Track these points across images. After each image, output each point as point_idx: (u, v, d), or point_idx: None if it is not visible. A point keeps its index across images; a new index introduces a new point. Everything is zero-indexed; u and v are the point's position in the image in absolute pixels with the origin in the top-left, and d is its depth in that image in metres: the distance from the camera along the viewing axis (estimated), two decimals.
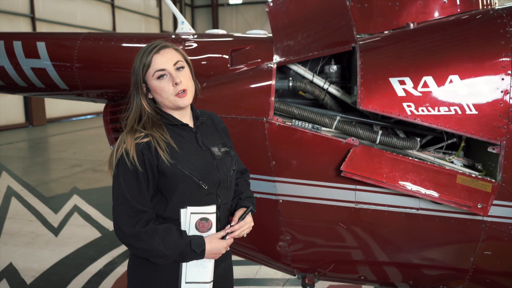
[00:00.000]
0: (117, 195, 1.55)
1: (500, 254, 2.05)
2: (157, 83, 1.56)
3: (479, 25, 2.07)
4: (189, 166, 1.56)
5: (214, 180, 1.63)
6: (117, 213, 1.55)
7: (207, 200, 1.62)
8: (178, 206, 1.59)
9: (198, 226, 1.61)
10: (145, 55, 1.56)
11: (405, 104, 2.00)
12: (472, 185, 1.98)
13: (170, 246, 1.53)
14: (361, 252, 2.23)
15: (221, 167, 1.66)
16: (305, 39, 2.32)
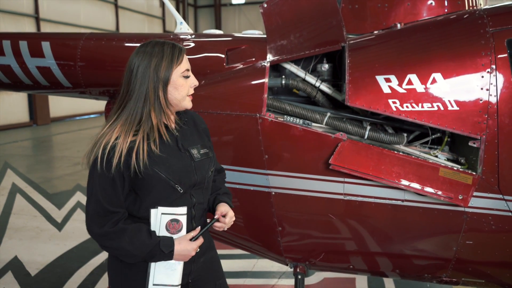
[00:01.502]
0: (90, 194, 1.56)
1: (481, 243, 2.14)
2: (182, 80, 1.62)
3: (461, 25, 2.18)
4: (166, 170, 1.57)
5: (191, 182, 1.64)
6: (88, 211, 1.56)
7: (180, 201, 1.63)
8: (151, 206, 1.60)
9: (169, 227, 1.61)
10: (179, 52, 1.61)
11: (391, 100, 2.11)
12: (453, 177, 2.08)
13: (138, 245, 1.54)
14: (349, 242, 2.34)
15: (199, 169, 1.67)
16: (297, 39, 2.43)
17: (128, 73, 1.58)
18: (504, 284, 2.29)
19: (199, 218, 1.73)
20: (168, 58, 1.58)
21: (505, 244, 2.11)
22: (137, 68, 1.56)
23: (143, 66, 1.56)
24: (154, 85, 1.56)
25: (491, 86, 2.01)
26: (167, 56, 1.58)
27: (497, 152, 2.02)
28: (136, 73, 1.56)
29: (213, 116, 2.40)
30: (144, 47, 1.60)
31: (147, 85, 1.55)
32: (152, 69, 1.55)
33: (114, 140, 1.52)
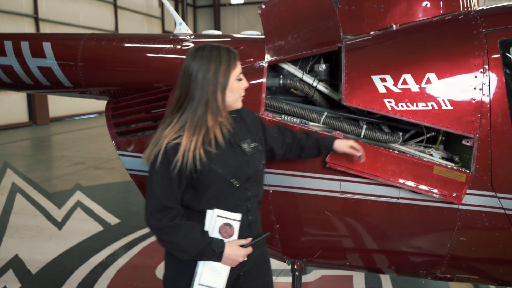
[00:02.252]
0: (149, 189, 1.66)
1: (474, 240, 2.19)
2: (237, 83, 1.72)
3: (455, 26, 2.22)
4: (223, 166, 1.67)
5: (245, 176, 1.73)
6: (147, 206, 1.67)
7: (237, 195, 1.73)
8: (210, 201, 1.70)
9: (221, 231, 1.69)
10: (234, 57, 1.70)
11: (386, 100, 2.15)
12: (447, 175, 2.12)
13: (191, 242, 1.63)
14: (346, 240, 2.38)
15: (251, 163, 1.76)
16: (294, 40, 2.46)
17: (187, 77, 1.66)
18: (497, 280, 2.33)
19: (255, 211, 1.82)
20: (226, 63, 1.67)
21: (497, 240, 2.16)
22: (197, 72, 1.64)
23: (203, 71, 1.64)
24: (213, 89, 1.65)
25: (484, 86, 2.05)
26: (225, 61, 1.66)
27: (490, 150, 2.06)
28: (196, 77, 1.64)
29: None
30: (201, 52, 1.67)
31: (207, 90, 1.64)
32: (212, 74, 1.64)
33: (173, 140, 1.62)
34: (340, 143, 2.09)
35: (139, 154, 2.65)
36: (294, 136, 2.09)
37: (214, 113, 1.66)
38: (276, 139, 2.04)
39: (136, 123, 2.78)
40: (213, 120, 1.67)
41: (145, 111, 2.74)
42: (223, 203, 1.72)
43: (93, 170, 8.25)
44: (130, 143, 2.68)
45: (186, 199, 1.71)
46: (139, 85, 2.80)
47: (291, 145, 2.07)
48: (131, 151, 2.69)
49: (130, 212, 5.71)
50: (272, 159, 2.09)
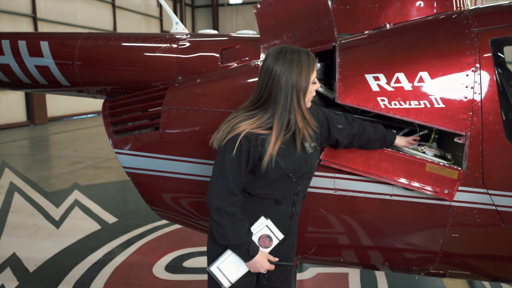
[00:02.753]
0: (219, 170, 1.78)
1: (466, 236, 2.22)
2: (312, 86, 1.83)
3: (447, 26, 2.25)
4: (285, 160, 1.80)
5: (302, 172, 1.88)
6: (214, 186, 1.79)
7: (289, 188, 1.88)
8: (264, 187, 1.85)
9: (261, 239, 1.86)
10: (312, 61, 1.79)
11: (379, 98, 2.17)
12: (440, 172, 2.15)
13: (236, 234, 1.78)
14: (340, 236, 2.40)
15: (309, 161, 1.90)
16: (290, 39, 2.49)
17: (269, 79, 1.75)
18: (489, 276, 2.36)
19: (299, 204, 2.00)
20: (307, 68, 1.77)
21: (489, 237, 2.18)
22: (280, 76, 1.73)
23: (286, 75, 1.73)
24: (297, 93, 1.75)
25: (476, 84, 2.08)
26: (305, 66, 1.76)
27: (481, 148, 2.09)
28: (279, 81, 1.74)
29: (208, 113, 2.46)
30: (283, 54, 1.76)
31: (292, 94, 1.74)
32: (295, 79, 1.74)
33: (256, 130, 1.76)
34: (400, 139, 2.25)
35: (136, 152, 2.67)
36: (363, 128, 2.18)
37: (301, 116, 1.78)
38: (341, 130, 2.13)
39: (133, 121, 2.80)
40: (302, 122, 1.79)
41: (142, 110, 2.76)
42: (276, 192, 1.88)
43: (91, 169, 8.27)
44: (127, 141, 2.70)
45: (245, 181, 1.85)
46: (136, 84, 2.83)
47: (358, 136, 2.16)
48: (128, 149, 2.71)
49: (128, 211, 5.73)
50: (336, 147, 2.21)
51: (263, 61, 1.82)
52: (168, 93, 2.62)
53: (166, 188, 2.61)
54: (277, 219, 1.92)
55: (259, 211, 1.91)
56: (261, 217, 1.89)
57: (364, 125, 2.20)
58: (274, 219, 1.91)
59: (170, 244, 4.52)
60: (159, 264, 4.07)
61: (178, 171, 2.55)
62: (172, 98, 2.58)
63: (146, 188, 2.68)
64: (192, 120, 2.50)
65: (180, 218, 2.74)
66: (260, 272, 1.92)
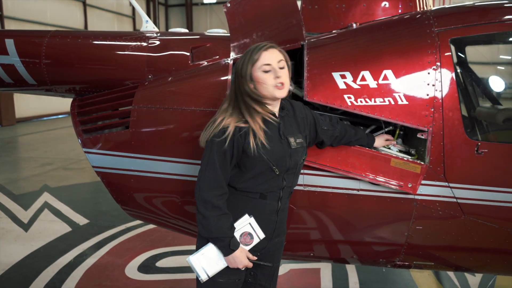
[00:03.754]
0: (207, 163, 1.85)
1: (429, 228, 2.30)
2: (261, 74, 1.85)
3: (410, 25, 2.33)
4: (268, 153, 1.85)
5: (286, 166, 1.91)
6: (202, 178, 1.85)
7: (274, 182, 1.92)
8: (249, 180, 1.90)
9: (243, 236, 1.90)
10: (255, 52, 1.86)
11: (346, 96, 2.23)
12: (404, 167, 2.23)
13: (219, 227, 1.83)
14: (310, 231, 2.45)
15: (293, 156, 1.94)
16: (259, 37, 2.52)
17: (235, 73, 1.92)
18: (452, 266, 2.46)
19: (285, 200, 2.03)
20: (249, 56, 1.86)
21: (450, 228, 2.28)
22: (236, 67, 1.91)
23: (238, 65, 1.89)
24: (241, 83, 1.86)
25: (437, 82, 2.17)
26: (247, 55, 1.87)
27: (442, 143, 2.18)
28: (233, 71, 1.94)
29: (178, 112, 2.46)
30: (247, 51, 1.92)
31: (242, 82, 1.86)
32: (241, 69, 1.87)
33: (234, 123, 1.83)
34: (379, 141, 2.31)
35: (105, 151, 2.65)
36: (345, 130, 2.25)
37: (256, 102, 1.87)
38: (326, 131, 2.19)
39: (102, 120, 2.78)
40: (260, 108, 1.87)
41: (112, 108, 2.73)
42: (260, 186, 1.91)
43: (61, 171, 8.08)
44: (97, 140, 2.67)
45: (230, 175, 1.90)
46: (106, 82, 2.80)
47: (339, 138, 2.23)
48: (97, 148, 2.68)
49: (100, 212, 5.64)
50: (320, 147, 2.27)
51: None
52: (138, 91, 2.60)
53: (137, 187, 2.60)
54: (263, 214, 1.96)
55: (245, 206, 1.94)
56: (245, 214, 1.92)
57: (346, 128, 2.27)
58: (260, 214, 1.95)
59: (143, 245, 4.48)
60: (132, 264, 4.04)
61: (149, 169, 2.54)
62: (142, 96, 2.57)
63: (116, 187, 2.66)
64: (163, 118, 2.49)
65: (152, 217, 2.73)
66: (247, 270, 1.95)
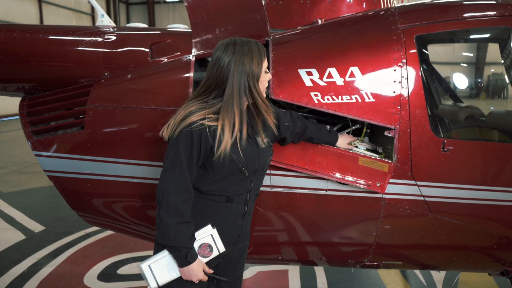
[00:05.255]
0: (171, 162, 1.70)
1: (397, 227, 2.28)
2: (265, 75, 1.83)
3: (375, 22, 2.30)
4: (238, 153, 1.75)
5: (254, 167, 1.83)
6: (166, 180, 1.70)
7: (242, 184, 1.82)
8: (216, 182, 1.78)
9: (202, 247, 1.77)
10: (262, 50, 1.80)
11: (313, 93, 2.17)
12: (371, 166, 2.19)
13: (178, 235, 1.68)
14: (277, 234, 2.38)
15: (261, 156, 1.86)
16: (222, 33, 2.42)
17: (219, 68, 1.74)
18: (419, 264, 2.46)
19: (251, 202, 1.93)
20: (257, 55, 1.77)
21: (418, 226, 2.27)
22: (229, 64, 1.72)
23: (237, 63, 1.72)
24: (249, 79, 1.74)
25: (403, 79, 2.14)
26: (256, 54, 1.76)
27: (409, 141, 2.15)
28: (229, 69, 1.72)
29: (137, 111, 2.33)
30: (232, 45, 1.75)
31: (243, 80, 1.73)
32: (247, 66, 1.73)
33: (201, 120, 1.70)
34: (342, 141, 2.24)
35: (58, 154, 2.47)
36: (305, 126, 2.16)
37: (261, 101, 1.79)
38: (288, 128, 2.11)
39: (55, 120, 2.59)
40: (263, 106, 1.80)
41: (65, 108, 2.55)
42: (227, 189, 1.80)
43: (15, 175, 7.64)
44: (48, 142, 2.48)
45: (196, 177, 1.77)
46: (58, 80, 2.61)
47: (299, 134, 2.15)
48: (49, 151, 2.49)
49: (57, 218, 5.34)
50: (283, 144, 2.18)
51: (212, 54, 1.79)
52: (94, 89, 2.44)
53: (93, 192, 2.44)
54: (229, 219, 1.85)
55: (210, 210, 1.82)
56: (208, 224, 1.80)
57: (307, 124, 2.18)
58: (226, 219, 1.84)
59: (104, 251, 4.27)
60: (91, 273, 3.83)
61: (106, 173, 2.38)
62: (98, 95, 2.42)
63: (71, 193, 2.49)
64: (120, 118, 2.35)
65: (111, 223, 2.57)
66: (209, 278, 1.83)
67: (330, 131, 2.28)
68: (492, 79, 3.27)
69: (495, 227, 2.28)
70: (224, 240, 1.83)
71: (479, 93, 3.20)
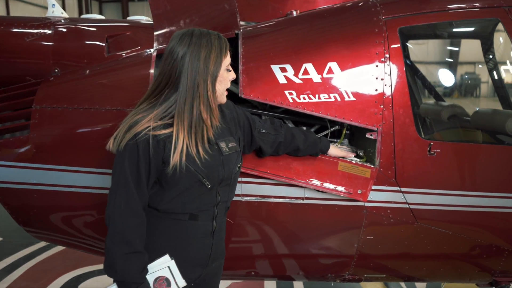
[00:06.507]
0: (118, 179, 1.47)
1: (380, 238, 2.10)
2: (226, 74, 1.57)
3: (355, 13, 2.11)
4: (195, 163, 1.50)
5: (219, 177, 1.58)
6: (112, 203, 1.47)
7: (206, 198, 1.58)
8: (174, 199, 1.54)
9: (158, 281, 1.54)
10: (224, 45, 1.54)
11: (287, 91, 1.96)
12: (352, 171, 1.99)
13: (125, 268, 1.45)
14: (250, 247, 2.16)
15: (227, 164, 1.60)
16: (187, 25, 2.21)
17: (172, 62, 1.48)
18: (404, 277, 2.28)
19: (221, 217, 1.68)
20: (217, 50, 1.52)
21: (403, 236, 2.09)
22: (184, 57, 1.47)
23: (192, 57, 1.47)
24: (204, 78, 1.49)
25: (386, 75, 1.96)
26: (216, 48, 1.51)
27: (393, 143, 1.97)
28: (183, 63, 1.47)
29: (90, 112, 2.07)
30: (189, 36, 1.50)
31: (197, 78, 1.48)
32: (203, 62, 1.48)
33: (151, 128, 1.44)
34: (336, 151, 2.03)
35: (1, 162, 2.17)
36: (292, 136, 1.92)
37: (206, 105, 1.51)
38: (265, 135, 1.87)
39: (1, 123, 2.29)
40: (206, 113, 1.51)
41: (8, 109, 2.25)
42: (189, 205, 1.56)
43: None
44: None
45: (150, 195, 1.54)
46: None
47: (284, 144, 1.91)
48: None
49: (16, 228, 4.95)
50: (261, 155, 1.94)
51: (167, 46, 1.53)
52: (41, 88, 2.17)
53: (41, 204, 2.15)
54: (195, 239, 1.59)
55: (172, 231, 1.57)
56: (166, 254, 1.55)
57: (293, 133, 1.93)
58: (192, 239, 1.58)
59: (65, 264, 3.95)
60: None
61: (55, 183, 2.10)
62: (46, 94, 2.14)
63: (16, 205, 2.19)
64: (71, 120, 2.08)
65: (63, 239, 2.29)
66: None
67: (321, 138, 2.02)
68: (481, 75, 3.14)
69: (485, 235, 2.12)
70: (191, 263, 1.59)
71: (468, 91, 3.07)
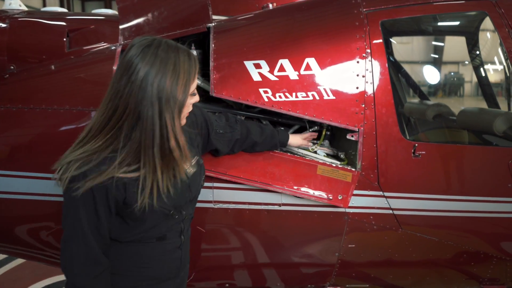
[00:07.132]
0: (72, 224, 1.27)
1: (363, 245, 1.97)
2: (190, 99, 1.32)
3: (334, 5, 1.98)
4: (162, 200, 1.30)
5: (185, 201, 1.43)
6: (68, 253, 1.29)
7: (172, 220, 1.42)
8: (140, 233, 1.36)
9: None
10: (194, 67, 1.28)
11: (262, 89, 1.83)
12: (332, 175, 1.86)
13: None
14: (223, 257, 2.01)
15: (193, 185, 1.46)
16: (155, 18, 2.06)
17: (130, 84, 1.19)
18: (388, 286, 2.16)
19: (187, 229, 1.53)
20: (186, 74, 1.25)
21: (387, 244, 1.97)
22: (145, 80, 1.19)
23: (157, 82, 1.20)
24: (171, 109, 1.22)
25: (367, 72, 1.83)
26: (185, 71, 1.24)
27: (375, 145, 1.84)
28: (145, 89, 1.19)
29: (47, 113, 1.90)
30: (154, 49, 1.22)
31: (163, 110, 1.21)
32: (170, 89, 1.21)
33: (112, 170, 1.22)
34: (294, 139, 1.93)
35: None
36: (247, 131, 1.80)
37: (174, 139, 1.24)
38: (222, 135, 1.74)
39: None
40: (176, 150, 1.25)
41: None
42: (155, 231, 1.40)
43: None
44: None
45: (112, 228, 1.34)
46: None
47: (240, 141, 1.79)
48: None
49: None
50: (216, 155, 1.82)
51: (124, 54, 1.25)
52: None
53: None
54: (164, 256, 1.44)
55: (140, 255, 1.40)
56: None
57: (249, 127, 1.80)
58: (160, 257, 1.43)
59: (36, 273, 3.74)
60: None
61: (9, 190, 1.93)
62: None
63: None
64: (26, 121, 1.92)
65: (21, 251, 2.11)
66: None
67: (278, 129, 1.90)
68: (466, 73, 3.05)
69: (472, 241, 2.01)
70: (161, 280, 1.45)
71: (452, 90, 2.97)
